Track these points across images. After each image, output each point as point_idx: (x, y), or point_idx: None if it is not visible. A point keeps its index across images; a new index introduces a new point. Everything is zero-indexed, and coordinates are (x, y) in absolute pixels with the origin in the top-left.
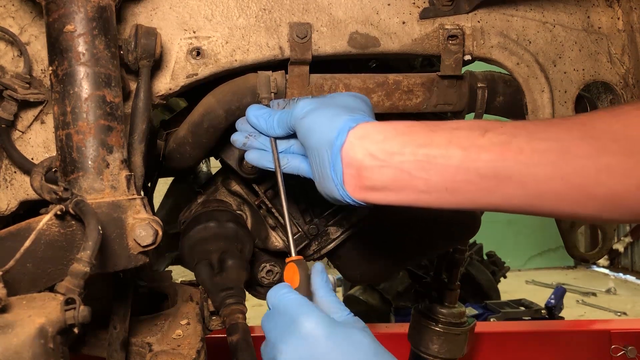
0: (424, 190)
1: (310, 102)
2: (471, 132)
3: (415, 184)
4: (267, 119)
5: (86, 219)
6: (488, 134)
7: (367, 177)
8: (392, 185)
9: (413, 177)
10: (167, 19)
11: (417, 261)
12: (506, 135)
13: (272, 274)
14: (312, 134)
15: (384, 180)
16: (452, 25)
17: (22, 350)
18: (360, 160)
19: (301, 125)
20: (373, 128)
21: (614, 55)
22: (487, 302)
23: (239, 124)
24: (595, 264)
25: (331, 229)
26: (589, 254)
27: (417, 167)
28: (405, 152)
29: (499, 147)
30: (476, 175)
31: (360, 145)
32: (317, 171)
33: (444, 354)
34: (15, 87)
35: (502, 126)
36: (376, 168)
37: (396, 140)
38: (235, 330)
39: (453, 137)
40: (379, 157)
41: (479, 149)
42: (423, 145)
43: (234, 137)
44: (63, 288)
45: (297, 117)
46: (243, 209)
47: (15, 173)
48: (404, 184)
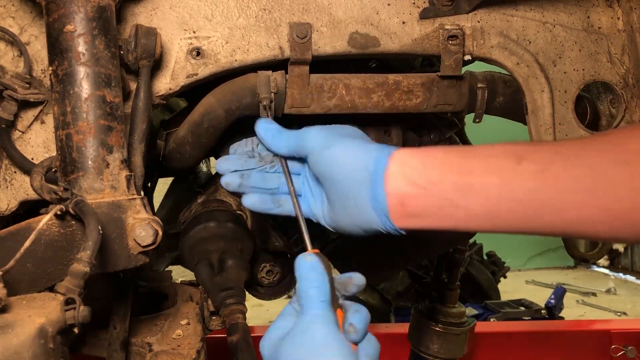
0: (465, 218)
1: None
2: (506, 161)
3: (456, 212)
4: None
5: (86, 219)
6: (524, 163)
7: (410, 205)
8: (436, 213)
9: (455, 206)
10: (167, 19)
11: (417, 261)
12: (542, 163)
13: (272, 274)
14: (342, 166)
15: (427, 208)
16: (452, 25)
17: (22, 350)
18: (402, 188)
19: (324, 158)
20: (409, 155)
21: (614, 55)
22: (487, 302)
23: (222, 164)
24: (595, 264)
25: (329, 230)
26: (589, 254)
27: (458, 196)
28: (446, 181)
29: (535, 175)
30: (516, 204)
31: (400, 174)
32: (346, 204)
33: (444, 354)
34: (15, 87)
35: (535, 152)
36: (419, 197)
37: (437, 169)
38: (235, 330)
39: (490, 165)
40: (422, 186)
41: (517, 178)
42: (463, 174)
43: (227, 180)
44: (63, 288)
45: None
46: (243, 208)
47: (15, 173)
48: (447, 212)
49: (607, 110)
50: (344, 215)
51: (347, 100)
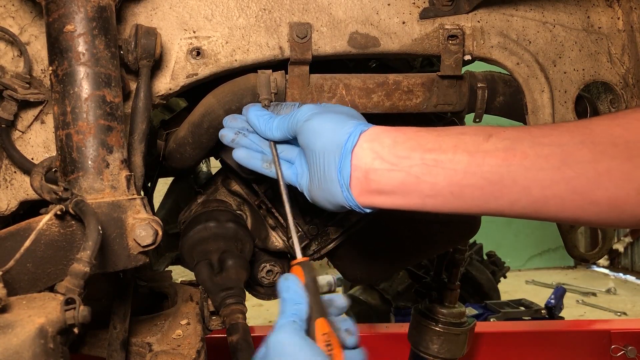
0: (430, 194)
1: (313, 106)
2: (476, 137)
3: (422, 188)
4: (267, 121)
5: (86, 219)
6: (492, 139)
7: (374, 180)
8: (400, 189)
9: (420, 181)
10: (167, 19)
11: (417, 261)
12: (510, 140)
13: (272, 273)
14: (318, 136)
15: (391, 183)
16: (452, 25)
17: (22, 350)
18: (369, 163)
19: (306, 127)
20: (382, 132)
21: (614, 55)
22: (487, 302)
23: (228, 120)
24: (595, 264)
25: (331, 229)
26: (589, 254)
27: (424, 172)
28: (413, 157)
29: (503, 152)
30: (482, 180)
31: (369, 149)
32: (318, 175)
33: (444, 354)
34: (15, 87)
35: (505, 131)
36: (385, 171)
37: (405, 145)
38: (235, 330)
39: (459, 142)
40: (389, 161)
41: (484, 154)
42: (431, 150)
43: (222, 132)
44: (63, 288)
45: (300, 120)
46: (243, 209)
47: (15, 173)
48: (411, 188)
49: (607, 110)
50: (317, 187)
51: (347, 100)
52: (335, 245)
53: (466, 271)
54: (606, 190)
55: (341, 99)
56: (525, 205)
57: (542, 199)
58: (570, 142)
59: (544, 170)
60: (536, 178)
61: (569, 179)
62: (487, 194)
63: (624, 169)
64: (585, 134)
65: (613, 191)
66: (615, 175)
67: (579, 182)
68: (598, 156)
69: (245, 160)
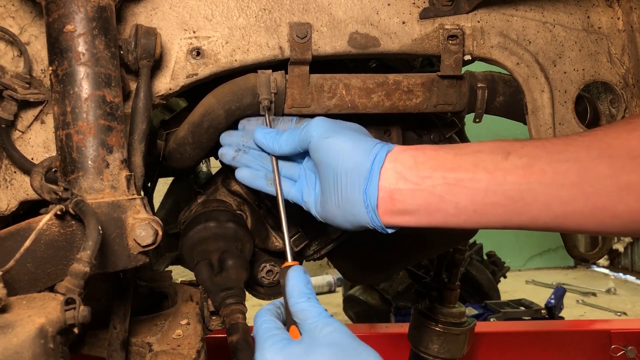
0: (454, 213)
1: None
2: (494, 156)
3: (445, 207)
4: (274, 138)
5: (86, 219)
6: (510, 157)
7: (399, 200)
8: (424, 209)
9: (444, 201)
10: (167, 19)
11: (417, 261)
12: (528, 157)
13: (272, 273)
14: (340, 156)
15: (416, 203)
16: (452, 25)
17: (22, 350)
18: (393, 183)
19: (325, 145)
20: (402, 152)
21: (614, 55)
22: (487, 302)
23: (224, 137)
24: (595, 264)
25: (331, 229)
26: (589, 254)
27: (447, 191)
28: (435, 176)
29: (522, 170)
30: (503, 198)
31: (392, 169)
32: (338, 195)
33: (444, 354)
34: (15, 87)
35: (522, 147)
36: (409, 191)
37: (426, 164)
38: (235, 330)
39: (478, 161)
40: (412, 181)
41: (504, 173)
42: (452, 169)
43: (222, 151)
44: (63, 288)
45: (314, 135)
46: (243, 208)
47: (15, 173)
48: (435, 207)
49: (607, 110)
50: (334, 207)
51: (347, 100)
52: (335, 245)
53: (466, 271)
54: (627, 205)
55: (341, 99)
56: (547, 221)
57: (563, 215)
58: (587, 157)
59: (563, 187)
60: (556, 194)
61: (588, 195)
62: (509, 211)
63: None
64: (601, 148)
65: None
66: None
67: (599, 198)
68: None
69: (249, 180)
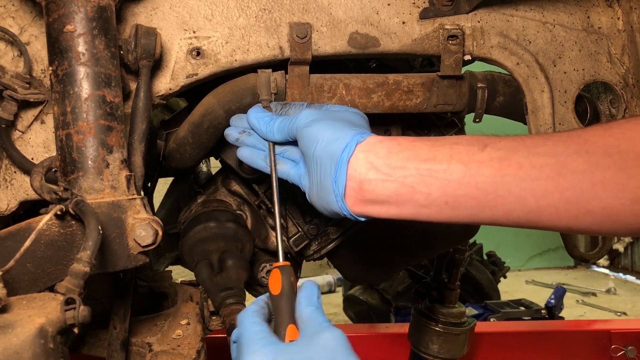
0: (425, 204)
1: (314, 112)
2: (471, 147)
3: (416, 198)
4: (268, 123)
5: (86, 219)
6: (487, 149)
7: (368, 190)
8: (394, 199)
9: (415, 192)
10: (167, 19)
11: (417, 261)
12: (505, 150)
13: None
14: (315, 144)
15: (386, 194)
16: (452, 25)
17: (22, 350)
18: (363, 173)
19: (305, 133)
20: (377, 142)
21: (614, 55)
22: (487, 302)
23: (234, 120)
24: (595, 264)
25: (331, 229)
26: (589, 254)
27: (419, 182)
28: (408, 167)
29: (498, 162)
30: (476, 190)
31: (364, 159)
32: (316, 182)
33: (444, 354)
34: (15, 87)
35: (500, 140)
36: (379, 182)
37: (400, 155)
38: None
39: (454, 152)
40: (383, 171)
41: (479, 164)
42: (425, 160)
43: (227, 132)
44: (63, 288)
45: (300, 125)
46: (243, 209)
47: (15, 173)
48: (405, 198)
49: (607, 110)
50: (315, 193)
51: (347, 100)
52: (335, 245)
53: (466, 271)
54: (601, 201)
55: (341, 99)
56: (520, 215)
57: (537, 209)
58: (564, 152)
59: (538, 181)
60: (530, 188)
61: (563, 189)
62: (481, 203)
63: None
64: (579, 143)
65: (608, 201)
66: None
67: (573, 192)
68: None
69: (248, 158)
